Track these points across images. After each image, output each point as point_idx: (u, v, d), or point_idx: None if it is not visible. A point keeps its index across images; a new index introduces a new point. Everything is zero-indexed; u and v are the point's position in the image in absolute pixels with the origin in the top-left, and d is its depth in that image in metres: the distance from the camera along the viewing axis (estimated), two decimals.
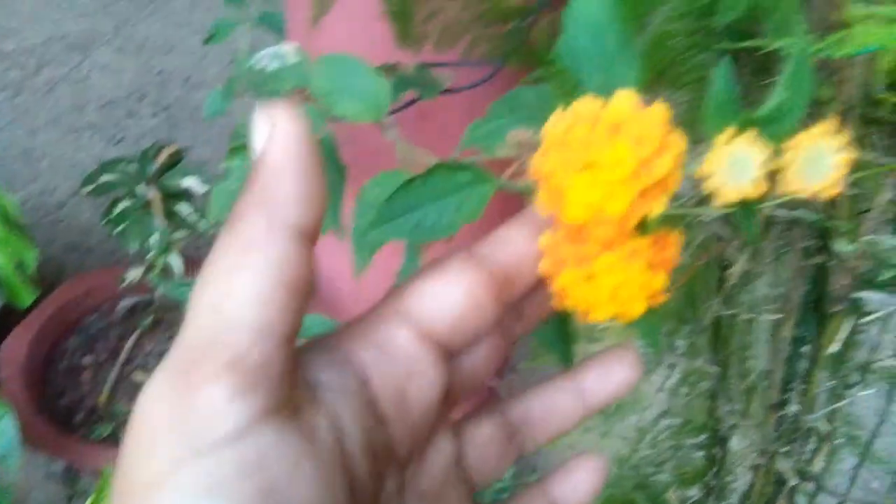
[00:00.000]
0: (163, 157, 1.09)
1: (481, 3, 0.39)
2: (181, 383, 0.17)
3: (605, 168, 0.20)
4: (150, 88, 1.96)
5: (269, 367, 0.18)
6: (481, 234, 0.30)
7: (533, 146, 0.38)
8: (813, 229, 0.50)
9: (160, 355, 1.27)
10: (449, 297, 0.23)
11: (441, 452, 0.25)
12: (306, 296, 0.20)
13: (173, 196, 1.10)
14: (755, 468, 0.62)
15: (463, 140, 0.43)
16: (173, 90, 1.96)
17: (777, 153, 0.20)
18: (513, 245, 0.24)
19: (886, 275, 0.43)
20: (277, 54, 0.60)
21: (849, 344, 0.49)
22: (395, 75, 0.56)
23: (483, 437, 0.26)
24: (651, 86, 0.42)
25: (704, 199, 0.22)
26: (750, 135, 0.20)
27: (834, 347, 0.48)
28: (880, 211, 0.41)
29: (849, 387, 0.59)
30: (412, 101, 0.59)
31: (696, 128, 0.53)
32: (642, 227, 0.22)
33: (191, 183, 1.08)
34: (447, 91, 0.57)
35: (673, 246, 0.23)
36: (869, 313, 0.49)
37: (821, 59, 0.43)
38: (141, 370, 1.24)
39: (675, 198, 0.22)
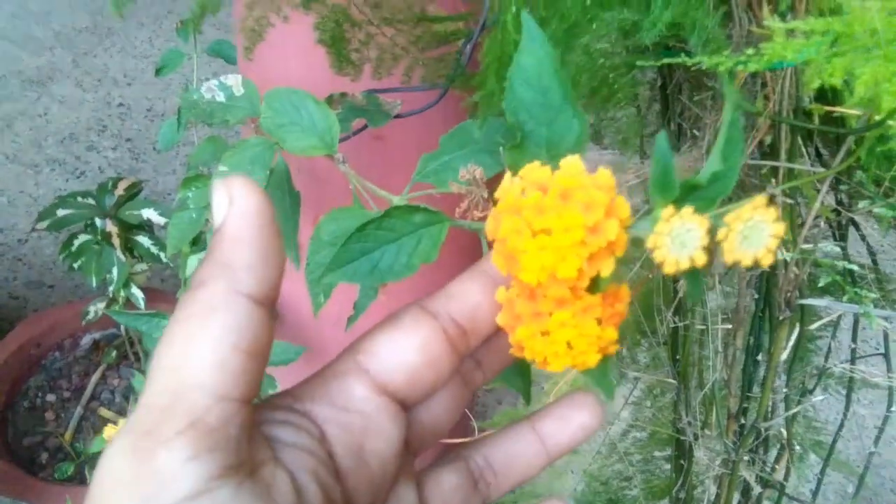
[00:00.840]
0: (121, 189, 1.08)
1: (415, 28, 0.40)
2: (141, 445, 0.18)
3: (557, 234, 0.21)
4: (111, 121, 1.94)
5: (226, 429, 0.19)
6: (438, 269, 0.30)
7: (483, 183, 0.39)
8: None
9: (126, 390, 1.25)
10: (404, 352, 0.24)
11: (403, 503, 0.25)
12: (264, 359, 0.20)
13: (133, 228, 1.09)
14: (719, 478, 0.63)
15: (415, 174, 0.44)
16: (134, 122, 1.95)
17: (715, 225, 0.21)
18: (466, 298, 0.25)
19: (825, 280, 0.43)
20: (223, 85, 0.60)
21: (802, 350, 0.50)
22: (345, 103, 0.57)
23: (446, 487, 0.26)
24: (585, 105, 0.42)
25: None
26: (689, 210, 0.21)
27: (784, 354, 0.49)
28: (817, 218, 0.42)
29: (806, 393, 0.60)
30: (365, 126, 0.60)
31: (631, 143, 0.54)
32: (593, 286, 0.23)
33: (150, 214, 1.07)
34: (398, 116, 0.58)
35: (622, 300, 0.24)
36: (816, 319, 0.50)
37: (750, 73, 0.44)
38: (106, 406, 1.21)
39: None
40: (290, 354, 0.82)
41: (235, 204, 0.20)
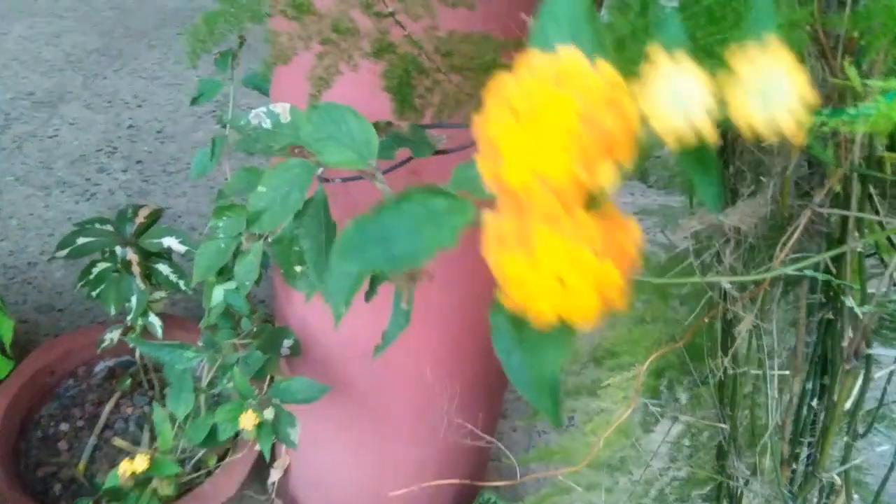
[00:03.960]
0: (141, 216, 1.07)
1: (484, 75, 0.39)
2: None
3: (545, 121, 0.18)
4: (121, 143, 1.93)
5: None
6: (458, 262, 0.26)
7: None
8: (819, 284, 0.50)
9: (140, 419, 1.23)
10: None
11: None
12: None
13: (152, 255, 1.08)
14: None
15: (450, 183, 0.42)
16: (145, 143, 1.94)
17: (724, 82, 0.17)
18: None
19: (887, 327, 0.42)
20: (270, 112, 0.59)
21: (863, 399, 0.49)
22: (389, 132, 0.56)
23: None
24: None
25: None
26: (688, 62, 0.17)
27: (848, 404, 0.48)
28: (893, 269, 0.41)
29: (858, 437, 0.59)
30: (407, 160, 0.59)
31: (677, 182, 0.52)
32: (591, 201, 0.19)
33: (171, 242, 1.06)
34: (440, 152, 0.57)
35: (630, 234, 0.20)
36: (879, 367, 0.49)
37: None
38: (120, 435, 1.19)
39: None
40: (312, 392, 0.80)
41: None
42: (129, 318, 1.06)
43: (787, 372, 0.52)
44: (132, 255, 1.05)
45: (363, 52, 0.37)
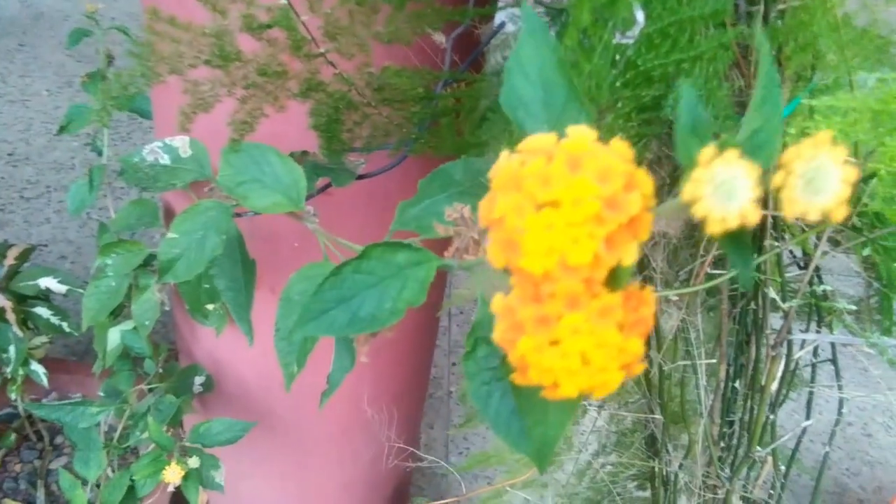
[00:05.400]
0: (10, 258, 0.97)
1: (414, 105, 0.37)
2: None
3: (566, 207, 0.17)
4: None
5: None
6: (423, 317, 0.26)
7: (473, 222, 0.37)
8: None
9: (31, 475, 1.12)
10: None
11: None
12: None
13: (29, 298, 0.98)
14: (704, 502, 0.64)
15: (394, 223, 0.41)
16: None
17: (767, 173, 0.18)
18: None
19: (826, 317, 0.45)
20: (167, 147, 0.55)
21: (789, 377, 0.52)
22: (307, 162, 0.53)
23: None
24: None
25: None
26: (733, 154, 0.17)
27: (774, 385, 0.51)
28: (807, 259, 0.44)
29: (776, 408, 0.63)
30: (326, 187, 0.56)
31: None
32: (613, 279, 0.19)
33: (49, 283, 0.97)
34: (362, 177, 0.55)
35: (648, 304, 0.20)
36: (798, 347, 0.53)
37: None
38: (11, 497, 1.09)
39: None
40: (235, 432, 0.76)
41: None
42: (8, 369, 0.97)
43: (714, 360, 0.55)
44: (5, 302, 0.95)
45: (290, 93, 0.35)
